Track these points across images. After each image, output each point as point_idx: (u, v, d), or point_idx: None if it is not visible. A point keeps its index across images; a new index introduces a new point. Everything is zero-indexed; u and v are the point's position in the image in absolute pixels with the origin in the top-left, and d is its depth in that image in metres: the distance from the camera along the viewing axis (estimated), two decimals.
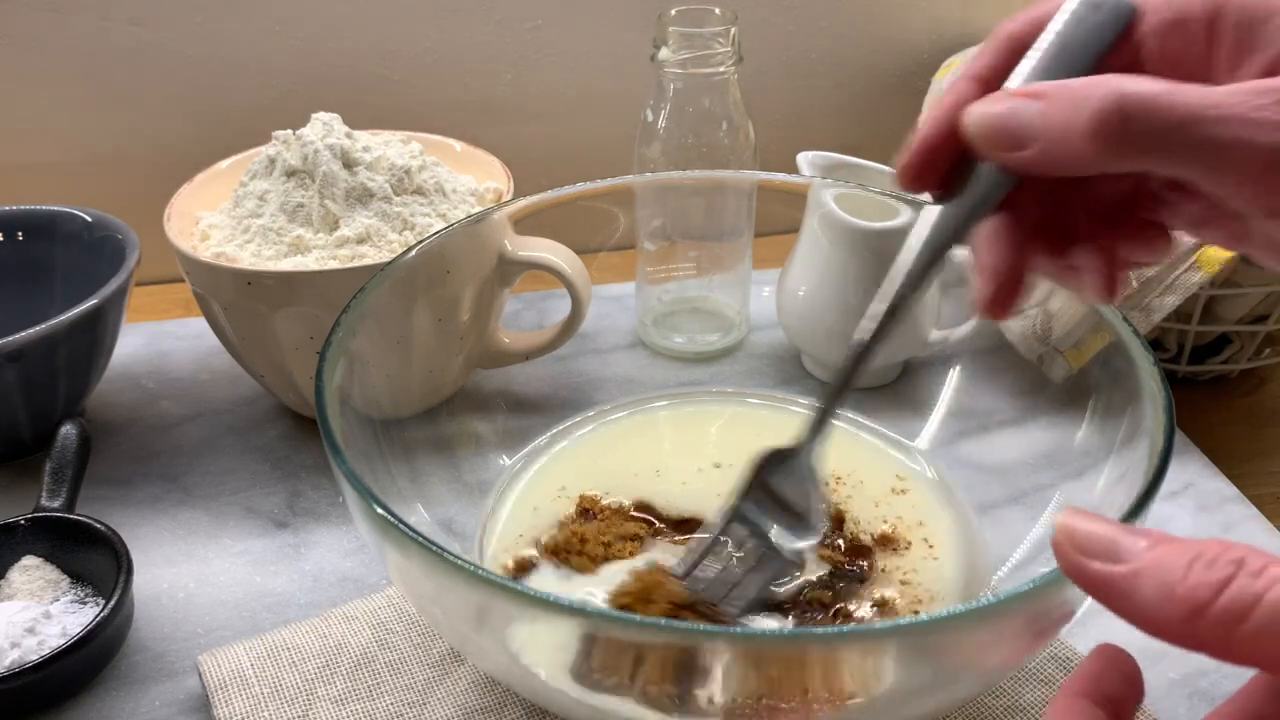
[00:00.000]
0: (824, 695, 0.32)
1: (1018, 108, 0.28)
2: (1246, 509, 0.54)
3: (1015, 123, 0.28)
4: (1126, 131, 0.26)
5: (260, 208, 0.57)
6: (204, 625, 0.48)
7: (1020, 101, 0.28)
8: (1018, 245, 0.31)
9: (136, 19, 0.71)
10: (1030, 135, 0.28)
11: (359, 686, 0.43)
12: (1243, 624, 0.23)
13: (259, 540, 0.53)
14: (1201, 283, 0.55)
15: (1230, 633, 0.23)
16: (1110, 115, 0.26)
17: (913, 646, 0.31)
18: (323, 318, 0.52)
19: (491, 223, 0.52)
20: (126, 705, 0.44)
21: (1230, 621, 0.23)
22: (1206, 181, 0.27)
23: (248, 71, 0.74)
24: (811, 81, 0.83)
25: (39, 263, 0.62)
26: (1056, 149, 0.27)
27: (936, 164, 0.32)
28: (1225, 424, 0.62)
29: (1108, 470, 0.41)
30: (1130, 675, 0.28)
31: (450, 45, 0.76)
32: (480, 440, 0.52)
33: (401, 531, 0.32)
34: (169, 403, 0.63)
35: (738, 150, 0.60)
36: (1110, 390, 0.43)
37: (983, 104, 0.29)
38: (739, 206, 0.61)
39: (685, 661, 0.31)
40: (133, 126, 0.74)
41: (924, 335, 0.56)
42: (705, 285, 0.64)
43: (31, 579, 0.47)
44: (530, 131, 0.79)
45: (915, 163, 0.32)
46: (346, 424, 0.39)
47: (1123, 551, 0.25)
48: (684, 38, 0.57)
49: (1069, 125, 0.27)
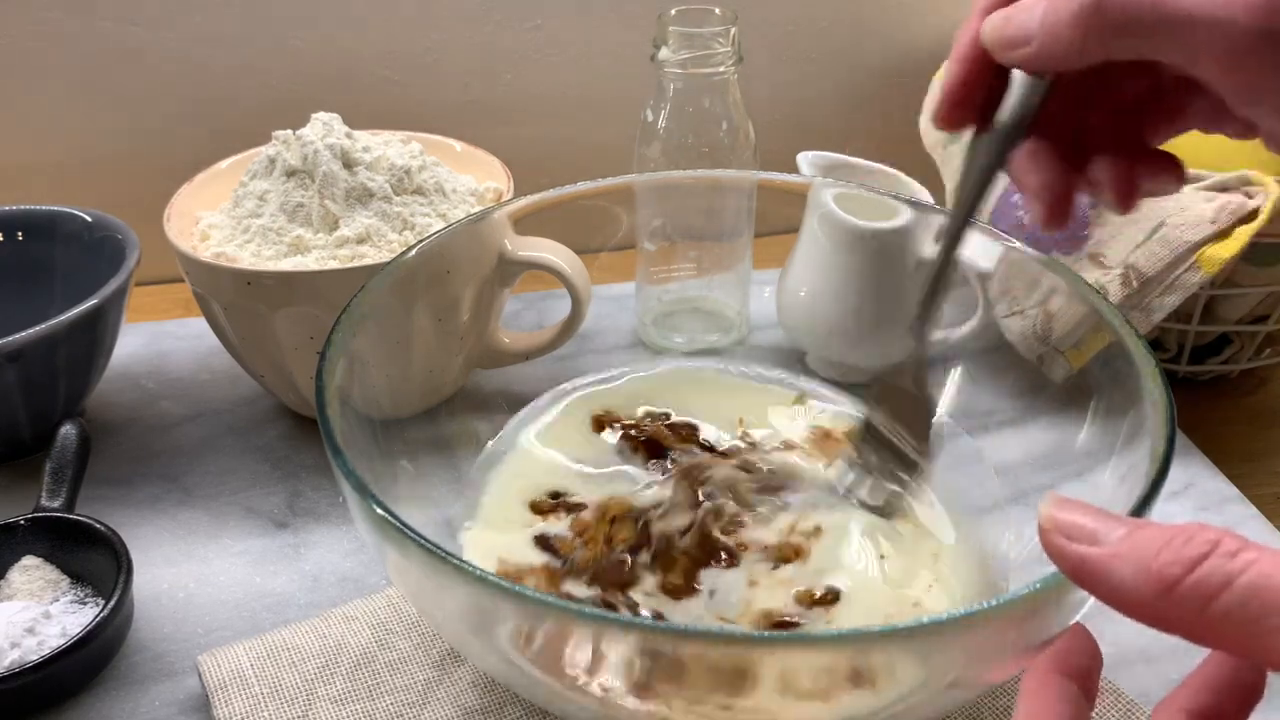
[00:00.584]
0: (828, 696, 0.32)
1: (1018, 11, 0.32)
2: (1246, 509, 0.54)
3: (1017, 24, 0.32)
4: (1104, 17, 0.29)
5: (260, 208, 0.57)
6: (204, 625, 0.48)
7: (1023, 7, 0.32)
8: (1056, 163, 0.35)
9: (136, 19, 0.71)
10: (1030, 33, 0.31)
11: (359, 686, 0.43)
12: (1213, 603, 0.23)
13: (259, 540, 0.53)
14: (1201, 283, 0.54)
15: (1200, 612, 0.23)
16: (1089, 6, 0.29)
17: (916, 648, 0.31)
18: (323, 318, 0.51)
19: (491, 223, 0.51)
20: (126, 705, 0.44)
21: (1200, 600, 0.23)
22: (1184, 61, 0.29)
23: (248, 71, 0.74)
24: (811, 82, 0.83)
25: (39, 263, 0.62)
26: (1050, 42, 0.31)
27: (968, 99, 0.35)
28: (1225, 424, 0.62)
29: (1109, 471, 0.41)
30: (1092, 649, 0.30)
31: (450, 45, 0.76)
32: (480, 440, 0.52)
33: (401, 532, 0.32)
34: (169, 403, 0.63)
35: (738, 150, 0.60)
36: (1111, 390, 0.43)
37: (994, 16, 0.33)
38: (739, 206, 0.60)
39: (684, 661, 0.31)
40: (133, 126, 0.74)
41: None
42: (705, 285, 0.64)
43: (31, 579, 0.47)
44: (530, 131, 0.79)
45: (950, 100, 0.35)
46: (346, 424, 0.39)
47: (1102, 535, 0.25)
48: (684, 38, 0.57)
49: (1058, 19, 0.30)
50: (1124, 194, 0.35)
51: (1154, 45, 0.29)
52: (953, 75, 0.35)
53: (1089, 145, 0.36)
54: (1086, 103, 0.36)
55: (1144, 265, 0.55)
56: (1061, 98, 0.35)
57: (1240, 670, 0.29)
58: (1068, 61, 0.31)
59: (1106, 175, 0.35)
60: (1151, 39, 0.29)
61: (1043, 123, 0.35)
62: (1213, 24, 0.27)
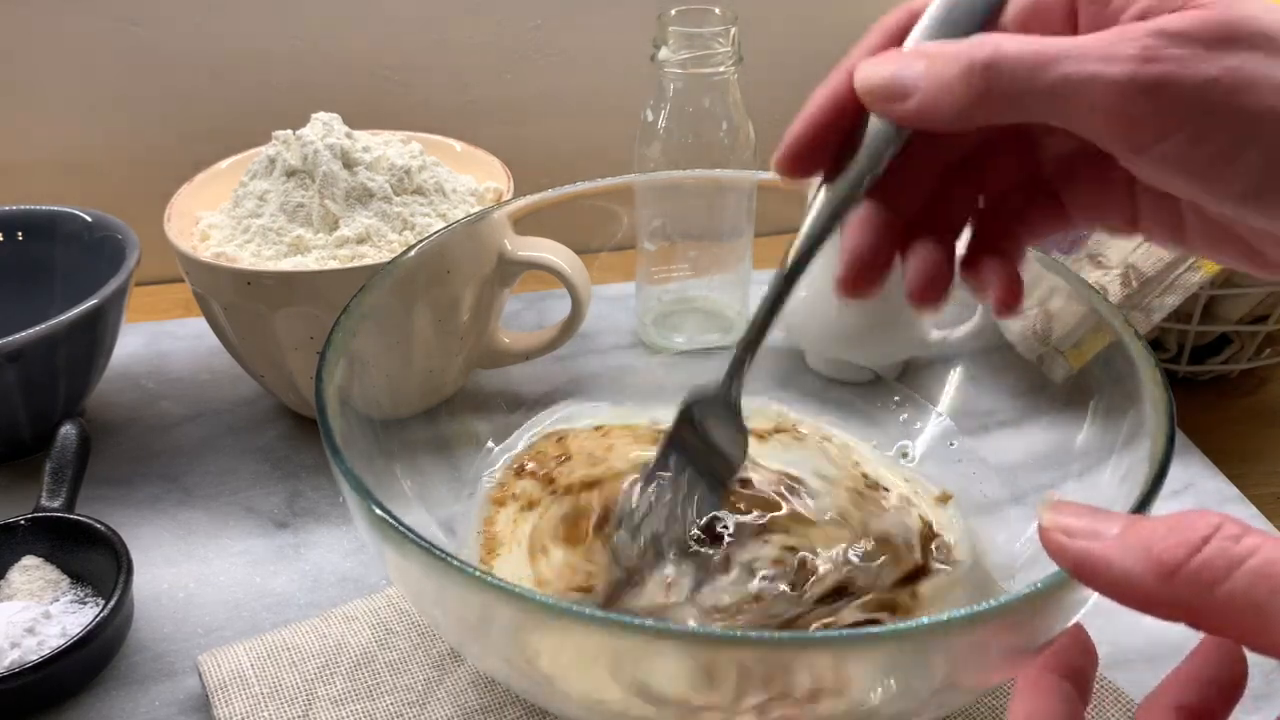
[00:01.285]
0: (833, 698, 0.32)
1: (902, 64, 0.30)
2: (1246, 509, 0.54)
3: (899, 77, 0.30)
4: (995, 77, 0.28)
5: (260, 208, 0.57)
6: (204, 625, 0.48)
7: (906, 58, 0.31)
8: (882, 230, 0.34)
9: (136, 19, 0.71)
10: (912, 87, 0.30)
11: (359, 686, 0.43)
12: (1219, 588, 0.23)
13: (259, 540, 0.53)
14: (1201, 283, 0.54)
15: (1206, 596, 0.23)
16: (979, 64, 0.28)
17: (915, 649, 0.31)
18: (323, 318, 0.51)
19: (491, 223, 0.51)
20: (126, 705, 0.44)
21: (1204, 584, 0.23)
22: (1072, 121, 0.28)
23: (248, 72, 0.74)
24: (811, 81, 0.83)
25: (39, 263, 0.62)
26: (933, 99, 0.29)
27: (821, 146, 0.33)
28: (1225, 424, 0.62)
29: (1109, 470, 0.41)
30: (1087, 648, 0.30)
31: (450, 45, 0.76)
32: (480, 440, 0.52)
33: (401, 533, 0.32)
34: (169, 403, 0.63)
35: (738, 150, 0.60)
36: (1111, 390, 0.43)
37: (872, 62, 0.31)
38: (739, 206, 0.60)
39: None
40: (133, 126, 0.74)
41: (924, 335, 0.56)
42: (705, 285, 0.64)
43: (31, 579, 0.47)
44: (530, 131, 0.79)
45: (800, 145, 0.33)
46: (346, 424, 0.39)
47: (1103, 530, 0.25)
48: (684, 38, 0.57)
49: (944, 75, 0.29)
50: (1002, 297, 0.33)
51: (1040, 105, 0.28)
52: (809, 120, 0.33)
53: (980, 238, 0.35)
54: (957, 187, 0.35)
55: (1144, 265, 0.55)
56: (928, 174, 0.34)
57: (1224, 666, 0.29)
58: (949, 120, 0.29)
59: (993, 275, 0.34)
60: (1040, 99, 0.28)
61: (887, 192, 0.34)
62: (1102, 79, 0.27)
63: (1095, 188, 0.33)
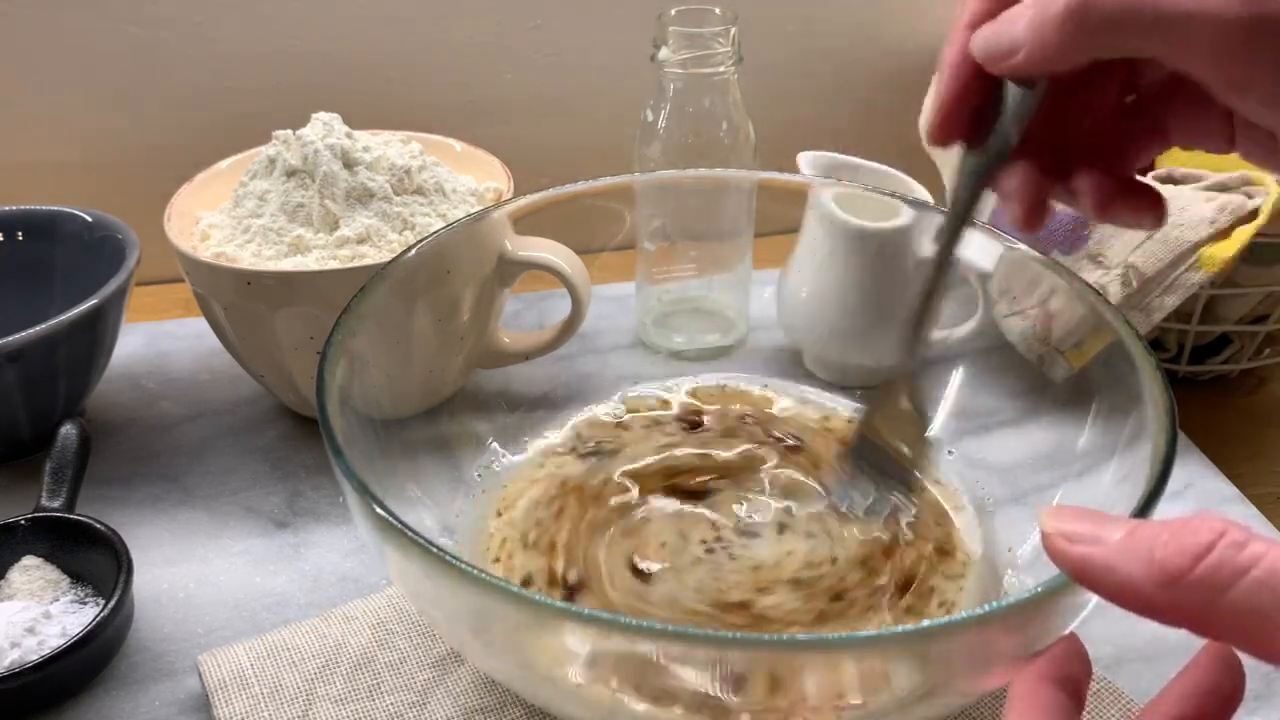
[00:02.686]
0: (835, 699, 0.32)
1: (1005, 21, 0.32)
2: (1246, 509, 0.54)
3: (1006, 34, 0.32)
4: (1090, 15, 0.29)
5: (260, 208, 0.57)
6: (204, 625, 0.48)
7: (1006, 16, 0.32)
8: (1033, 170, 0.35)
9: (136, 19, 0.71)
10: (1019, 42, 0.31)
11: (359, 686, 0.43)
12: (1223, 596, 0.23)
13: (259, 540, 0.53)
14: (1201, 283, 0.54)
15: (1209, 604, 0.23)
16: (1075, 9, 0.29)
17: (915, 652, 0.31)
18: (323, 318, 0.51)
19: (491, 222, 0.51)
20: (126, 705, 0.44)
21: (1209, 591, 0.23)
22: (1169, 54, 0.29)
23: (248, 71, 0.74)
24: (811, 81, 0.83)
25: (39, 263, 0.62)
26: (1038, 46, 0.31)
27: (959, 114, 0.35)
28: (1225, 424, 0.62)
29: (1110, 471, 0.41)
30: (1082, 656, 0.30)
31: (450, 45, 0.76)
32: (480, 440, 0.52)
33: (402, 533, 0.32)
34: (169, 403, 0.63)
35: (738, 150, 0.60)
36: (1112, 391, 0.43)
37: (984, 28, 0.33)
38: (739, 206, 0.60)
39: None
40: (133, 126, 0.74)
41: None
42: (705, 285, 0.64)
43: (31, 579, 0.47)
44: (530, 131, 0.79)
45: (942, 116, 0.35)
46: (347, 424, 0.39)
47: (1104, 535, 0.26)
48: (684, 38, 0.57)
49: (1044, 24, 0.30)
50: (1100, 203, 0.35)
51: (1141, 41, 0.29)
52: (943, 91, 0.35)
53: (1072, 161, 0.36)
54: (1067, 113, 0.36)
55: (1144, 265, 0.55)
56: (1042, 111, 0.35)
57: (1222, 676, 0.29)
58: (1056, 62, 0.31)
59: (1086, 184, 0.35)
60: (1139, 35, 0.29)
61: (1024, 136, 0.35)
62: (1201, 15, 0.27)
63: (1194, 111, 0.34)
